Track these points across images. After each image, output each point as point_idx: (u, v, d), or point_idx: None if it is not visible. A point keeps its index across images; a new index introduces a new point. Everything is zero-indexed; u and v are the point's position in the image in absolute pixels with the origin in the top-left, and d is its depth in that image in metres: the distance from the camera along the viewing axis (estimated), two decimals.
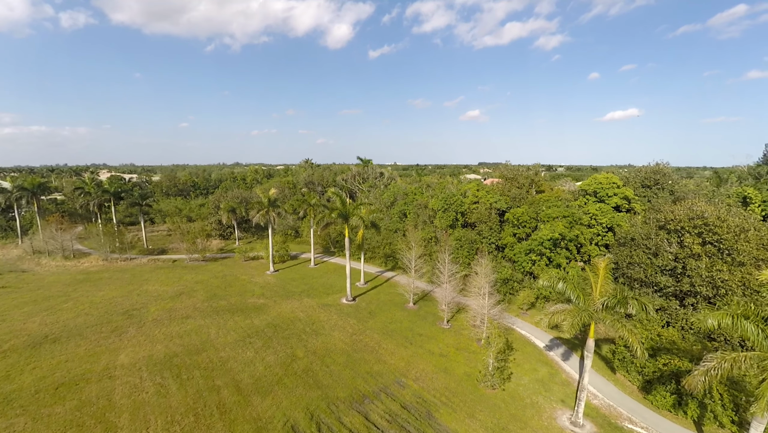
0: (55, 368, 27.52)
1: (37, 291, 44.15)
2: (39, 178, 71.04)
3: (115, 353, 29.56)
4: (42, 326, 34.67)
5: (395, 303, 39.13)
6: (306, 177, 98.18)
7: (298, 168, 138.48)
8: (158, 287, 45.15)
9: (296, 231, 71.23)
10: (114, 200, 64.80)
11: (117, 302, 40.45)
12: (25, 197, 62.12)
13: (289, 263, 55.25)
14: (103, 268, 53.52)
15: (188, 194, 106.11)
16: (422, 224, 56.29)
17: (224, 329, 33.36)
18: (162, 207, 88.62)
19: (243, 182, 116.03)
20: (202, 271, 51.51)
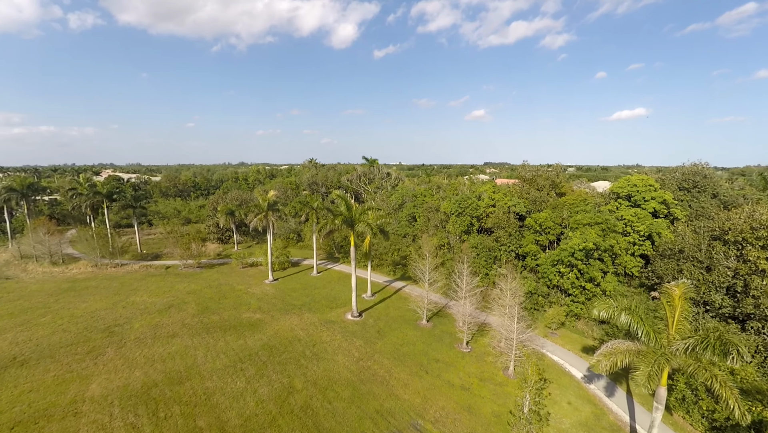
0: (15, 400, 23.71)
1: (16, 302, 40.56)
2: (30, 178, 67.84)
3: (86, 381, 25.69)
4: (12, 345, 30.95)
5: (406, 320, 34.92)
6: (309, 177, 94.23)
7: (302, 168, 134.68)
8: (146, 298, 41.36)
9: (298, 235, 67.31)
10: (107, 202, 61.27)
11: (100, 315, 36.68)
12: (14, 199, 58.83)
13: (289, 271, 51.26)
14: (91, 275, 49.91)
15: (188, 195, 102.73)
16: (433, 228, 52.04)
17: (213, 352, 29.39)
18: (160, 209, 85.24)
19: (245, 183, 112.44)
20: (195, 279, 47.67)
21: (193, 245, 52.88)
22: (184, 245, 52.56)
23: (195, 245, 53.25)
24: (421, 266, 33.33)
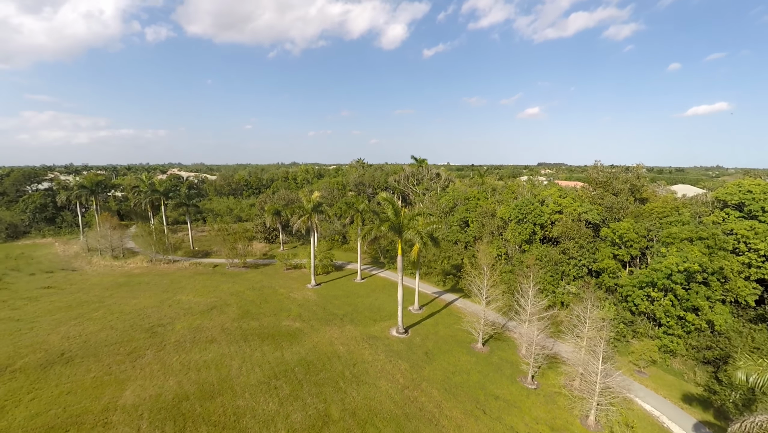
0: (53, 402, 23.25)
1: (76, 294, 42.31)
2: (99, 176, 72.90)
3: (122, 387, 24.81)
4: (63, 340, 31.48)
5: (458, 341, 30.73)
6: (356, 178, 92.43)
7: (349, 168, 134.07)
8: (192, 297, 41.17)
9: (343, 237, 65.32)
10: (164, 199, 63.68)
11: (146, 313, 36.76)
12: (84, 195, 63.17)
13: (333, 275, 49.06)
14: (145, 270, 51.46)
15: (241, 194, 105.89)
16: (489, 236, 47.09)
17: (249, 363, 27.47)
18: (214, 207, 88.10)
19: (293, 182, 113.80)
20: (240, 280, 47.10)
21: (239, 244, 52.71)
22: (230, 244, 52.53)
23: (241, 244, 53.06)
24: (477, 282, 29.01)
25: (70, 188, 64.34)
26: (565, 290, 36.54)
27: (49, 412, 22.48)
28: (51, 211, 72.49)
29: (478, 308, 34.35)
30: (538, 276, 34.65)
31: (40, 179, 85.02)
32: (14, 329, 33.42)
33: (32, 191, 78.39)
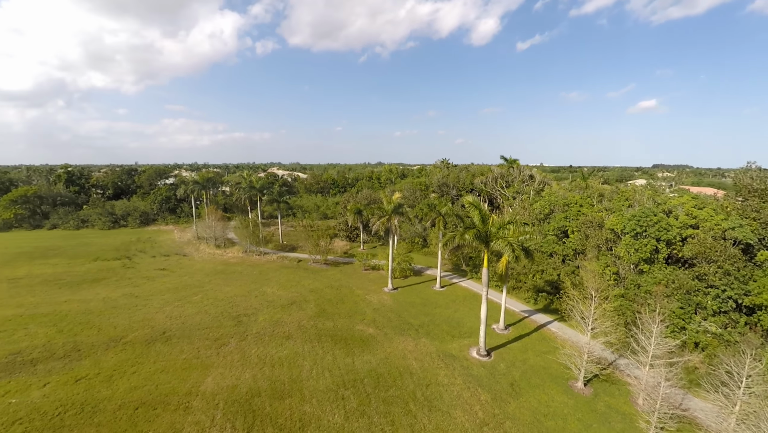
0: (149, 378, 25.37)
1: (183, 278, 47.40)
2: (210, 173, 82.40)
3: (205, 372, 26.09)
4: (167, 319, 34.96)
5: (552, 375, 25.96)
6: (440, 178, 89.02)
7: (433, 168, 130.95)
8: (275, 290, 42.91)
9: (424, 240, 62.88)
10: (260, 195, 68.91)
11: (235, 302, 39.20)
12: (197, 190, 71.83)
13: (411, 280, 46.96)
14: (239, 260, 55.81)
15: (328, 192, 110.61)
16: (593, 250, 40.10)
17: (320, 366, 26.80)
18: (303, 203, 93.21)
19: (377, 182, 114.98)
20: (320, 276, 47.94)
21: (321, 241, 53.90)
22: (313, 240, 54.03)
23: (323, 241, 54.21)
24: (581, 307, 23.96)
25: (187, 183, 73.77)
26: (700, 327, 28.73)
27: (144, 387, 24.52)
28: (173, 202, 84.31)
29: (580, 338, 28.89)
30: (664, 307, 27.69)
31: (168, 175, 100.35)
32: (132, 305, 38.35)
33: (161, 185, 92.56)
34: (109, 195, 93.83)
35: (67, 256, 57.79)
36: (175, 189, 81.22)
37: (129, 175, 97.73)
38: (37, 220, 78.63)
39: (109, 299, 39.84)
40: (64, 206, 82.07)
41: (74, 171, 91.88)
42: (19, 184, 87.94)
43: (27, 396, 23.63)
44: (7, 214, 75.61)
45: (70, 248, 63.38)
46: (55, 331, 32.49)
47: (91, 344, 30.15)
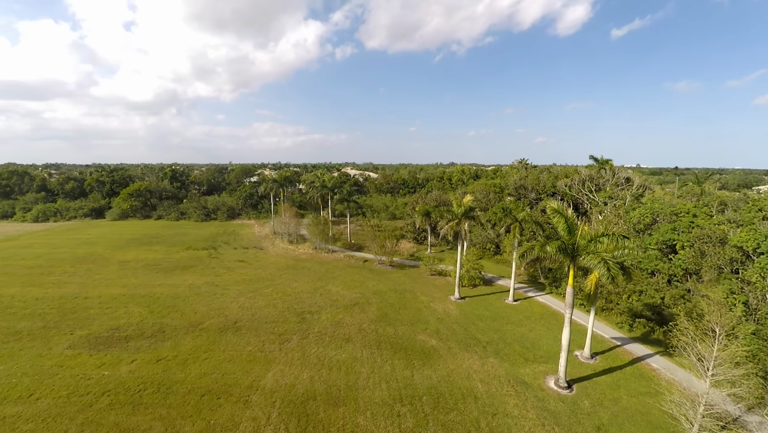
0: (217, 367, 26.53)
1: (258, 270, 50.12)
2: (287, 172, 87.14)
3: (267, 367, 26.49)
4: (239, 310, 36.85)
5: (653, 425, 21.12)
6: (517, 180, 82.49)
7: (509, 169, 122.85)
8: (340, 289, 42.97)
9: (496, 246, 58.45)
10: (331, 194, 70.70)
11: (301, 298, 40.01)
12: (275, 188, 76.39)
13: (480, 290, 43.55)
14: (309, 257, 57.53)
15: (398, 192, 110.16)
16: (712, 271, 32.83)
17: (377, 375, 25.52)
18: (373, 203, 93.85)
19: (448, 183, 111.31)
20: (384, 278, 46.99)
21: (387, 242, 52.98)
22: (380, 241, 53.35)
23: (390, 242, 53.22)
24: (700, 347, 18.95)
25: (267, 182, 78.90)
26: None
27: (212, 375, 25.62)
28: (255, 199, 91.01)
29: (695, 382, 23.32)
30: None
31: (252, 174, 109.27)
32: (212, 293, 41.32)
33: (246, 183, 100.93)
34: (204, 191, 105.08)
35: (166, 244, 65.35)
36: (257, 186, 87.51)
37: (220, 173, 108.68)
38: (147, 211, 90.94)
39: (194, 286, 43.53)
40: (168, 200, 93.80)
41: (177, 169, 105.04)
42: (135, 180, 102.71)
43: (117, 370, 26.22)
44: (125, 205, 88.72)
45: (169, 237, 71.70)
46: (147, 312, 36.20)
47: (174, 327, 32.84)
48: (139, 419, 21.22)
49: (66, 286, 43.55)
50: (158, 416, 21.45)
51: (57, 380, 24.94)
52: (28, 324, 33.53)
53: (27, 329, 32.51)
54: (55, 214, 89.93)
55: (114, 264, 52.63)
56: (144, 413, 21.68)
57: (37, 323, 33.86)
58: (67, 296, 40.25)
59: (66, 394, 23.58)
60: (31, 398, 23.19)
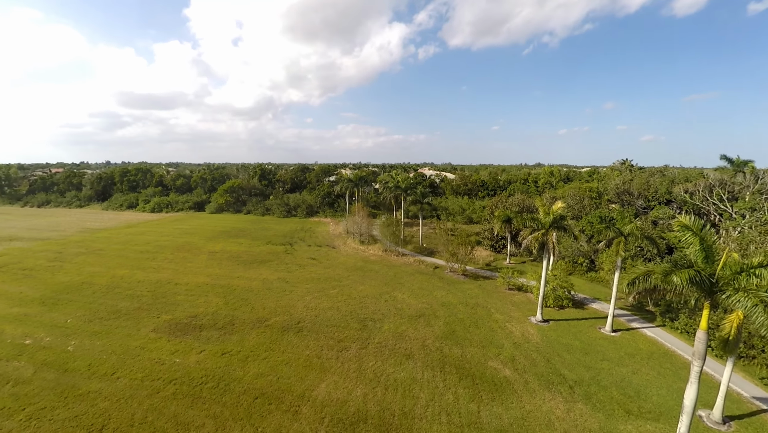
0: (274, 369, 26.03)
1: (327, 269, 50.23)
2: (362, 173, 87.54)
3: (321, 376, 25.20)
4: (304, 309, 36.66)
5: None
6: (619, 184, 70.93)
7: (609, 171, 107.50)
8: (406, 297, 40.51)
9: (591, 261, 50.36)
10: (404, 195, 68.70)
11: (366, 303, 38.50)
12: (350, 187, 77.04)
13: (568, 313, 37.29)
14: (378, 259, 56.17)
15: (476, 194, 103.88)
16: None
17: (437, 404, 22.41)
18: (448, 205, 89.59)
19: (534, 186, 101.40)
20: (455, 289, 43.22)
21: (461, 249, 48.92)
22: (452, 247, 49.54)
23: (463, 249, 49.07)
24: None
25: (343, 181, 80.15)
26: None
27: (268, 376, 25.12)
28: (332, 197, 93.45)
29: None
30: None
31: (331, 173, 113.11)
32: (281, 289, 42.12)
33: (326, 181, 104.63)
34: (287, 188, 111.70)
35: (250, 237, 70.02)
36: (334, 185, 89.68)
37: (302, 172, 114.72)
38: (238, 206, 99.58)
39: (267, 281, 45.00)
40: (256, 196, 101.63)
41: (266, 168, 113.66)
42: (231, 177, 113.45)
43: (187, 358, 27.31)
44: (221, 200, 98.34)
45: (254, 231, 76.92)
46: (223, 303, 38.04)
47: (242, 321, 33.73)
48: (194, 414, 21.34)
49: (163, 271, 48.49)
50: (212, 414, 21.35)
51: (137, 362, 26.80)
52: (127, 304, 37.55)
53: (125, 309, 36.34)
54: (167, 206, 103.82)
55: (204, 254, 57.58)
56: (200, 408, 21.80)
57: (134, 303, 37.75)
58: (162, 281, 44.60)
59: (140, 377, 25.06)
60: (112, 377, 25.11)
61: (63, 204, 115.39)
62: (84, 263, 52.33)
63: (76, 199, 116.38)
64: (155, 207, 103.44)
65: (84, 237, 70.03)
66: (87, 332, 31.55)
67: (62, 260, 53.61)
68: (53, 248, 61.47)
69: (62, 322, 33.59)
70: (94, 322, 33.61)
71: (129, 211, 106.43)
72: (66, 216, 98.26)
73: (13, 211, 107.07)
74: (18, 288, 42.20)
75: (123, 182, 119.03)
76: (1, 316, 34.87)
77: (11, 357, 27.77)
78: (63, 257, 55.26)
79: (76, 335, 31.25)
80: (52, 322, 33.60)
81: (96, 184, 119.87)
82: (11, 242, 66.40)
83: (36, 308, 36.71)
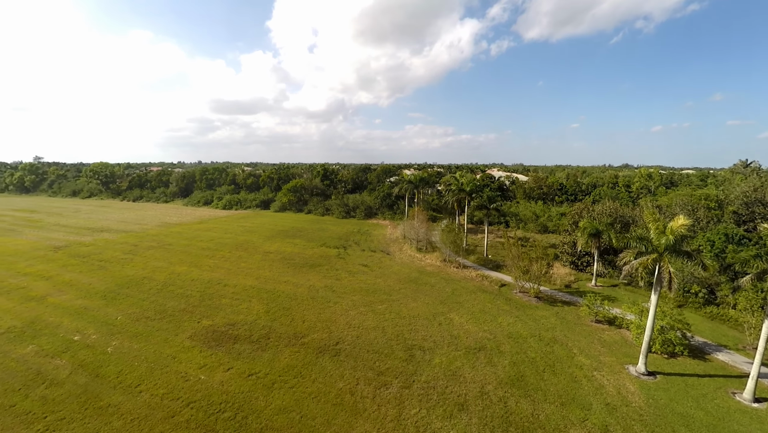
0: (299, 402, 22.19)
1: (378, 279, 45.93)
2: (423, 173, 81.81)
3: (350, 422, 20.69)
4: (345, 327, 32.66)
5: None
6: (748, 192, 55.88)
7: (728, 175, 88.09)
8: (464, 321, 34.44)
9: (710, 292, 39.17)
10: (468, 199, 61.84)
11: (416, 325, 33.30)
12: (410, 189, 72.08)
13: (683, 364, 28.01)
14: (436, 270, 50.41)
15: (552, 199, 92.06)
16: None
17: None
18: (519, 210, 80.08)
19: (625, 191, 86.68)
20: (526, 316, 35.94)
21: (534, 265, 41.15)
22: (523, 262, 41.95)
23: (537, 265, 41.21)
24: None
25: (402, 183, 75.53)
26: None
27: (291, 412, 21.32)
28: (392, 199, 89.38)
29: None
30: None
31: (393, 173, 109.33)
32: (326, 299, 38.69)
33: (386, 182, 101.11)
34: (348, 189, 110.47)
35: (306, 238, 68.78)
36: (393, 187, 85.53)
37: (364, 172, 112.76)
38: (300, 205, 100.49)
39: (313, 288, 42.04)
40: (317, 196, 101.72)
41: (328, 168, 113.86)
42: (296, 177, 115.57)
43: (212, 376, 24.74)
44: (285, 199, 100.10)
45: (311, 231, 75.86)
46: (263, 311, 35.65)
47: (279, 335, 30.73)
48: None
49: (217, 271, 48.33)
50: None
51: (163, 375, 24.89)
52: (174, 304, 37.05)
53: (171, 309, 35.73)
54: (237, 204, 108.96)
55: (259, 254, 57.06)
56: None
57: (181, 304, 37.12)
58: (212, 281, 44.10)
59: (161, 393, 22.94)
60: (136, 390, 23.34)
61: (152, 199, 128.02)
62: (151, 257, 54.70)
63: (163, 195, 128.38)
64: (226, 204, 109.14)
65: (159, 231, 74.89)
66: (130, 333, 31.01)
67: (134, 253, 56.77)
68: (132, 240, 66.12)
69: (113, 319, 33.76)
70: (140, 321, 33.23)
71: (205, 207, 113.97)
72: (152, 210, 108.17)
73: (112, 205, 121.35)
74: (90, 279, 44.63)
75: (202, 180, 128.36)
76: (65, 307, 36.37)
77: (57, 353, 27.81)
78: (136, 250, 58.66)
79: (120, 334, 30.87)
80: (105, 318, 33.93)
81: (180, 182, 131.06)
82: (102, 233, 73.32)
83: (97, 302, 37.84)
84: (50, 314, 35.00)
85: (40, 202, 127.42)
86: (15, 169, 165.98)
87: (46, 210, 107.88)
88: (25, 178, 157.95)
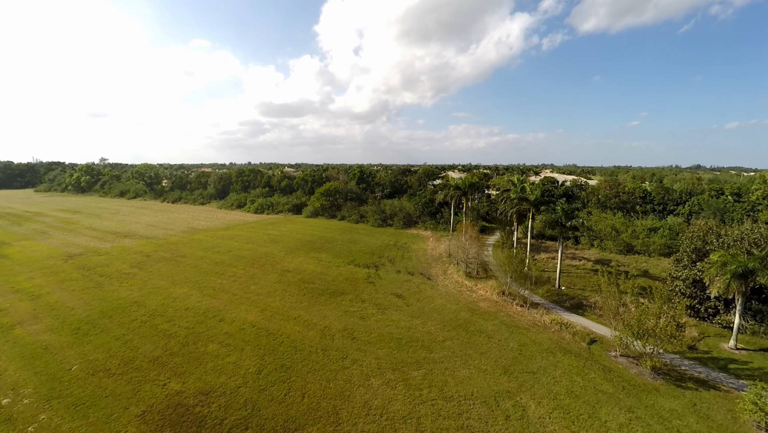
0: None
1: (413, 320, 34.74)
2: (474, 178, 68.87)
3: None
4: (361, 413, 21.89)
5: None
6: None
7: None
8: (545, 414, 22.20)
9: None
10: (534, 212, 48.54)
11: (468, 418, 21.66)
12: (457, 195, 59.92)
13: None
14: (491, 308, 38.15)
15: (633, 209, 74.91)
16: None
17: None
18: (593, 223, 64.69)
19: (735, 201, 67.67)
20: (644, 410, 22.85)
21: (650, 318, 27.65)
22: (628, 315, 28.65)
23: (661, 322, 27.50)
24: None
25: (447, 188, 63.44)
26: None
27: None
28: (435, 206, 77.41)
29: None
30: None
31: (437, 175, 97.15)
32: (341, 356, 28.02)
33: (429, 186, 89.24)
34: (386, 193, 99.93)
35: (333, 252, 59.07)
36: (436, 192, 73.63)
37: (403, 174, 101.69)
38: (333, 211, 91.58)
39: (328, 332, 31.82)
40: (352, 201, 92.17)
41: (365, 170, 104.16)
42: (331, 179, 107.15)
43: None
44: (317, 204, 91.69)
45: (341, 243, 66.10)
46: (254, 370, 25.94)
47: (262, 424, 20.69)
48: None
49: (220, 296, 39.88)
50: None
51: None
52: (149, 348, 28.65)
53: (141, 357, 27.30)
54: (269, 207, 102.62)
55: (276, 273, 48.19)
56: None
57: (157, 349, 28.62)
58: (209, 312, 35.55)
59: None
60: None
61: (190, 201, 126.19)
62: (156, 273, 47.77)
63: (200, 197, 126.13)
64: (258, 208, 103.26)
65: (180, 239, 69.11)
66: (72, 399, 22.67)
67: (141, 267, 50.34)
68: (148, 249, 60.43)
69: (65, 370, 25.94)
70: (94, 377, 24.97)
71: (237, 210, 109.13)
72: (185, 213, 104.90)
73: (151, 206, 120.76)
74: (77, 301, 38.05)
75: (237, 182, 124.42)
76: (25, 344, 29.36)
77: None
78: (146, 263, 52.33)
79: (59, 399, 22.64)
80: (57, 368, 26.14)
81: (217, 184, 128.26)
82: (124, 239, 68.95)
83: (65, 337, 30.53)
84: (2, 354, 27.94)
85: (88, 203, 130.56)
86: (75, 171, 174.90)
87: (89, 211, 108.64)
88: (82, 178, 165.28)
